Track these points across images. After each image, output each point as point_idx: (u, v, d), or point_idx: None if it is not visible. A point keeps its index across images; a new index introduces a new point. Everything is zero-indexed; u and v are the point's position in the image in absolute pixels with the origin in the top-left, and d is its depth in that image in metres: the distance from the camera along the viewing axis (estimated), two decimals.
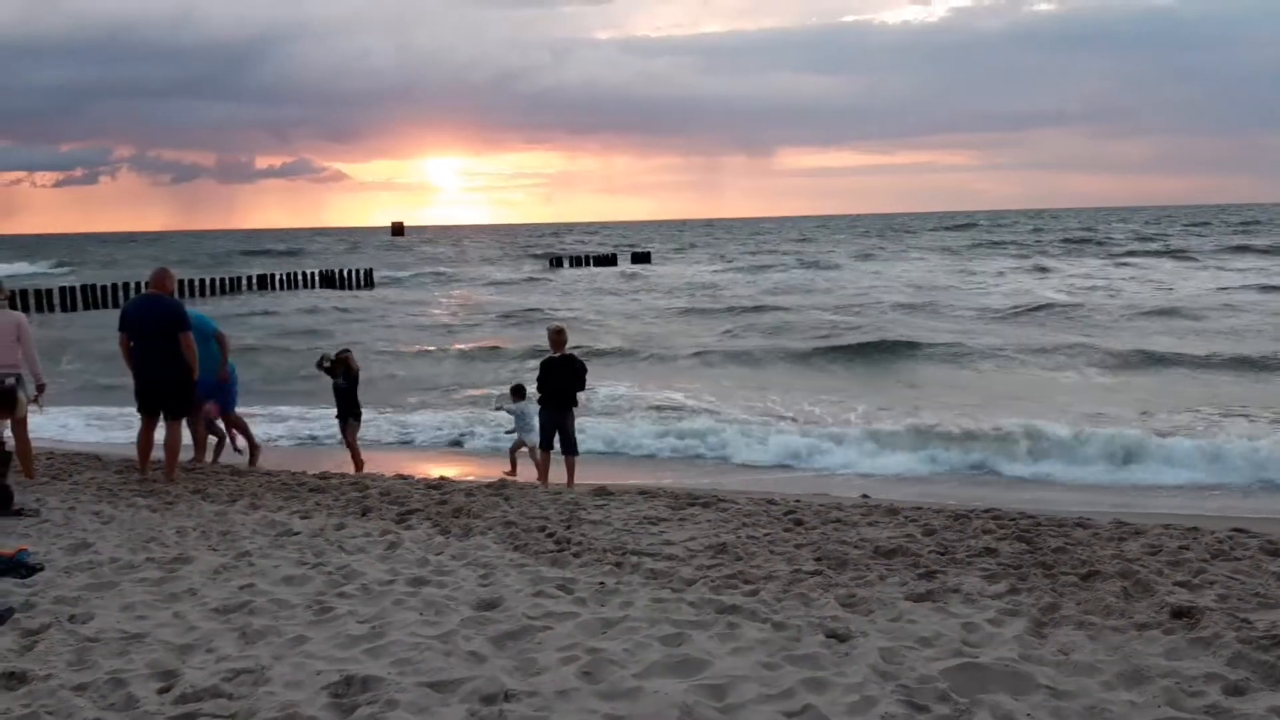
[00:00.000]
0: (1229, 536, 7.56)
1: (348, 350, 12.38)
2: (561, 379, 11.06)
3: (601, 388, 18.87)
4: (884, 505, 9.21)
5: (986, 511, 8.72)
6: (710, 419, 16.22)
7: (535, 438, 11.68)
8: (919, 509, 8.92)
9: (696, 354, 25.27)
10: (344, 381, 11.96)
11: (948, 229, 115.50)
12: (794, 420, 16.25)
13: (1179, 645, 5.13)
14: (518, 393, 12.46)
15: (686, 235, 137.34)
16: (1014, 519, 8.30)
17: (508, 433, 12.78)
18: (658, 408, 17.74)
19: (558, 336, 11.28)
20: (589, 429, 14.06)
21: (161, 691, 4.72)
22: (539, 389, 11.21)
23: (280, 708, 4.48)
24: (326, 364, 12.08)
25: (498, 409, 13.74)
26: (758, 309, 36.43)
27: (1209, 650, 5.04)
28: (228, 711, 4.50)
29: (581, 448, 11.56)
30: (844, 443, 14.18)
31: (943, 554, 7.07)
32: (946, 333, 27.75)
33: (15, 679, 4.87)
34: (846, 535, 7.70)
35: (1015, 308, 33.78)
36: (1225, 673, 4.74)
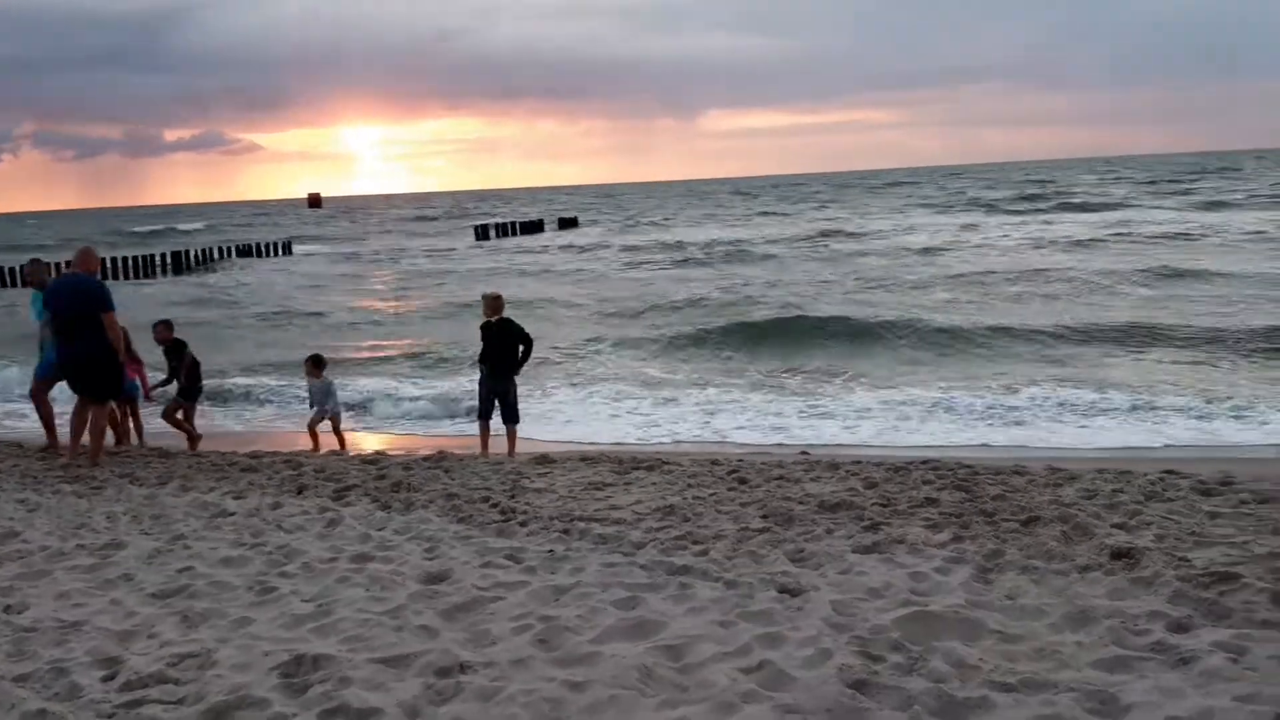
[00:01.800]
0: (1160, 478, 7.76)
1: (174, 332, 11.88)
2: (499, 345, 10.91)
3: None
4: (825, 461, 9.30)
5: (925, 463, 8.85)
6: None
7: (326, 410, 11.63)
8: (859, 463, 9.02)
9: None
10: (176, 362, 11.56)
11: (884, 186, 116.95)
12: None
13: (1121, 585, 5.26)
14: (316, 363, 12.00)
15: (616, 200, 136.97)
16: (952, 469, 8.43)
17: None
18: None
19: (493, 303, 11.11)
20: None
21: (105, 679, 4.57)
22: (480, 357, 11.04)
23: (230, 690, 4.36)
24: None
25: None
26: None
27: (1150, 589, 5.17)
28: (175, 696, 4.37)
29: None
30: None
31: (886, 506, 7.15)
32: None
33: None
34: (790, 492, 7.75)
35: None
36: (1168, 610, 4.86)
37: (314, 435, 11.80)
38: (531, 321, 14.70)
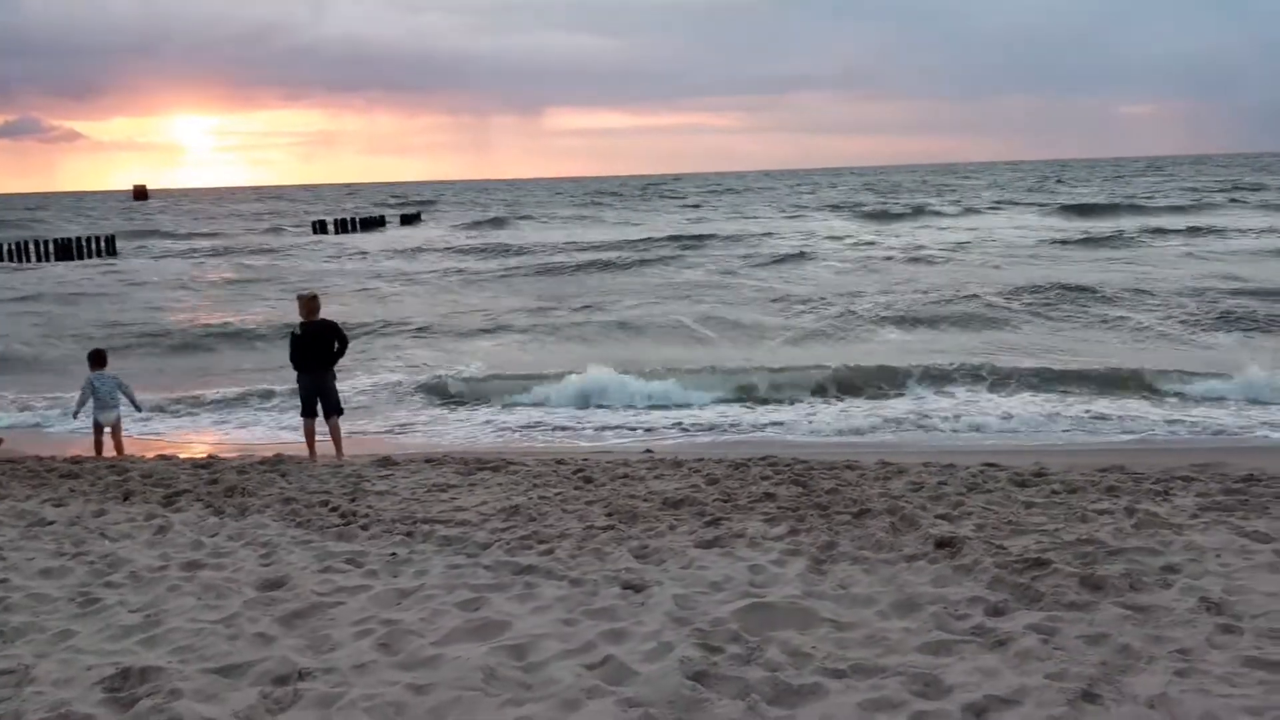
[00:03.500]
0: (981, 470, 8.21)
1: None
2: (313, 344, 10.69)
3: None
4: (669, 459, 9.46)
5: (763, 459, 9.10)
6: None
7: (109, 415, 11.03)
8: (701, 460, 9.22)
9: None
10: None
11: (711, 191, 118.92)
12: None
13: (944, 573, 5.55)
14: (96, 359, 11.30)
15: (456, 194, 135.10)
16: (789, 464, 8.71)
17: (74, 415, 11.32)
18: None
19: (310, 303, 10.87)
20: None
21: None
22: (292, 358, 10.78)
23: (50, 707, 4.16)
24: None
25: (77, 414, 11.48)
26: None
27: (970, 576, 5.48)
28: None
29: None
30: None
31: (726, 501, 7.34)
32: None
33: None
34: (635, 489, 7.86)
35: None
36: (986, 595, 5.16)
37: (101, 439, 11.09)
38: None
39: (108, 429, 11.08)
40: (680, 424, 13.24)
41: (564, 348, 20.27)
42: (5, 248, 50.77)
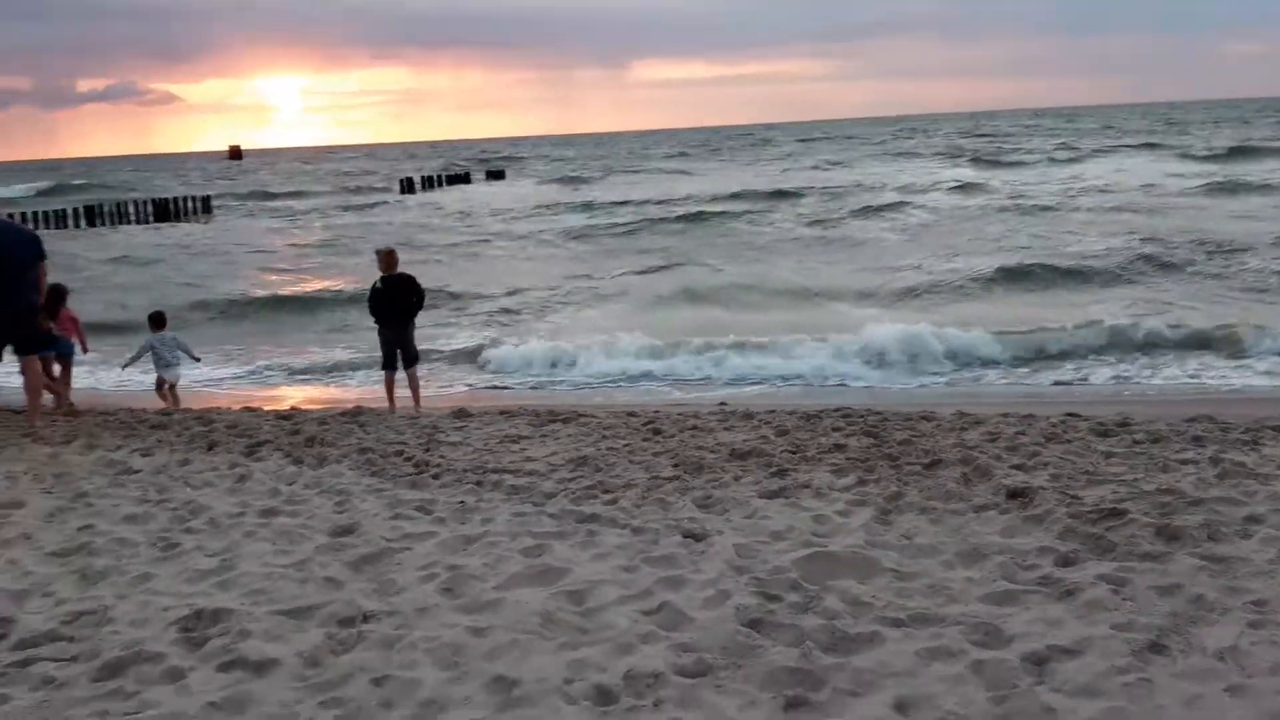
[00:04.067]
0: (1062, 420, 7.99)
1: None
2: (394, 296, 10.93)
3: None
4: (740, 410, 9.40)
5: (837, 410, 9.00)
6: None
7: (171, 372, 11.52)
8: (773, 412, 9.14)
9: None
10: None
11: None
12: None
13: (1014, 524, 5.42)
14: (156, 321, 11.79)
15: (541, 149, 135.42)
16: (862, 415, 8.59)
17: (124, 366, 12.00)
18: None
19: (389, 257, 11.10)
20: None
21: None
22: (372, 311, 11.03)
23: (125, 646, 4.32)
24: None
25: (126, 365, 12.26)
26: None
27: (1041, 526, 5.34)
28: (68, 654, 4.32)
29: None
30: None
31: (795, 453, 7.27)
32: None
33: None
34: (703, 441, 7.83)
35: None
36: (1056, 545, 5.03)
37: (165, 395, 11.64)
38: None
39: (167, 385, 11.66)
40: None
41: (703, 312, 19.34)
42: (105, 209, 52.58)
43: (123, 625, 4.57)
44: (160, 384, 11.71)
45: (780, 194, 45.03)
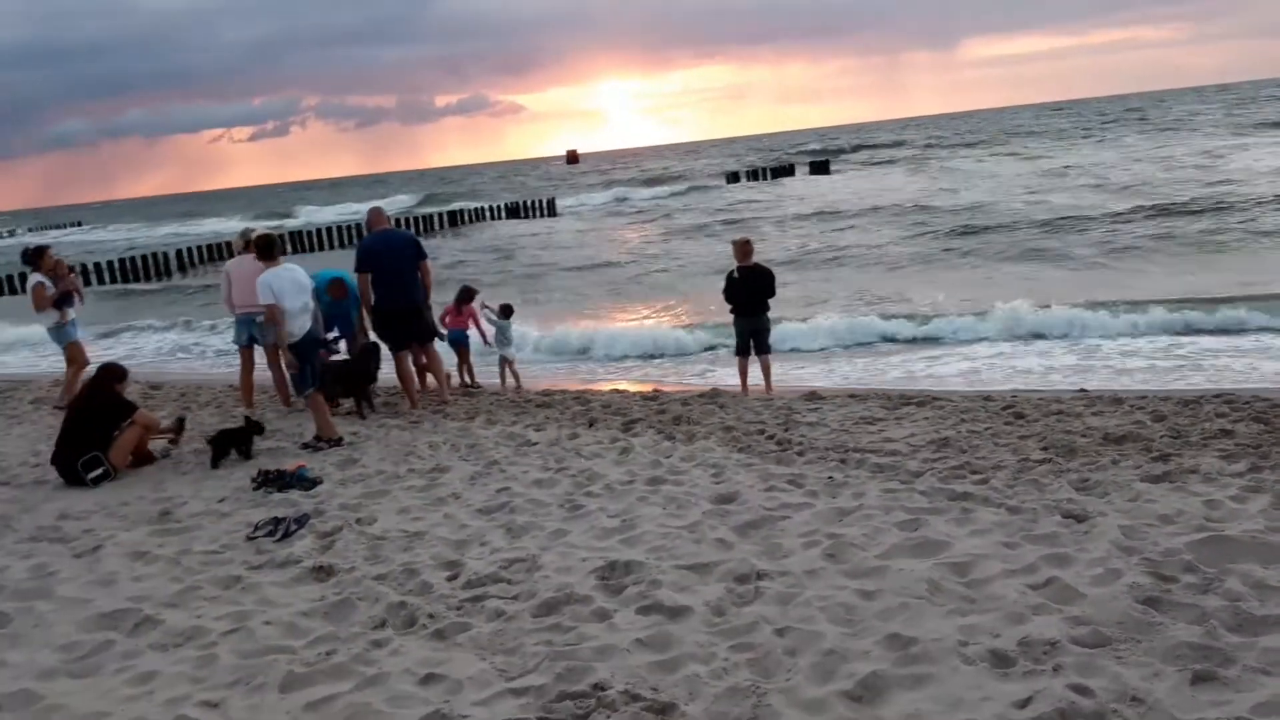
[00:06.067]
0: None
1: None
2: (749, 287, 11.25)
3: None
4: (1107, 396, 9.08)
5: (1218, 396, 8.50)
6: None
7: (511, 350, 12.49)
8: (1144, 398, 8.77)
9: None
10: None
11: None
12: None
13: None
14: (505, 311, 12.67)
15: (863, 137, 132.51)
16: (1248, 402, 8.07)
17: (486, 343, 12.85)
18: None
19: (744, 247, 11.41)
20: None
21: (450, 579, 5.31)
22: (729, 299, 11.40)
23: (557, 589, 4.98)
24: None
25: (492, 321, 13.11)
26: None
27: None
28: (510, 593, 5.04)
29: None
30: None
31: (1176, 438, 6.99)
32: None
33: (324, 571, 5.57)
34: (1071, 425, 7.69)
35: None
36: None
37: (503, 375, 12.57)
38: None
39: (508, 363, 12.67)
40: None
41: None
42: (467, 211, 58.04)
43: (551, 571, 5.26)
44: (503, 362, 12.79)
45: None
